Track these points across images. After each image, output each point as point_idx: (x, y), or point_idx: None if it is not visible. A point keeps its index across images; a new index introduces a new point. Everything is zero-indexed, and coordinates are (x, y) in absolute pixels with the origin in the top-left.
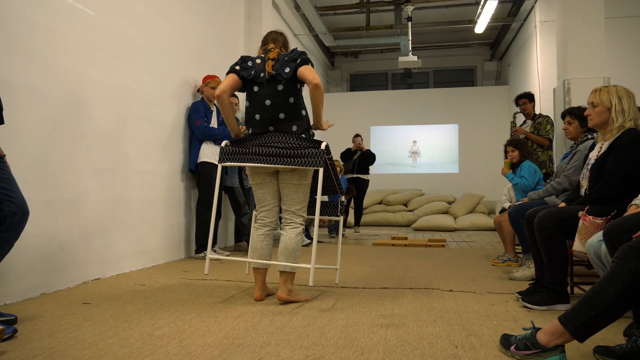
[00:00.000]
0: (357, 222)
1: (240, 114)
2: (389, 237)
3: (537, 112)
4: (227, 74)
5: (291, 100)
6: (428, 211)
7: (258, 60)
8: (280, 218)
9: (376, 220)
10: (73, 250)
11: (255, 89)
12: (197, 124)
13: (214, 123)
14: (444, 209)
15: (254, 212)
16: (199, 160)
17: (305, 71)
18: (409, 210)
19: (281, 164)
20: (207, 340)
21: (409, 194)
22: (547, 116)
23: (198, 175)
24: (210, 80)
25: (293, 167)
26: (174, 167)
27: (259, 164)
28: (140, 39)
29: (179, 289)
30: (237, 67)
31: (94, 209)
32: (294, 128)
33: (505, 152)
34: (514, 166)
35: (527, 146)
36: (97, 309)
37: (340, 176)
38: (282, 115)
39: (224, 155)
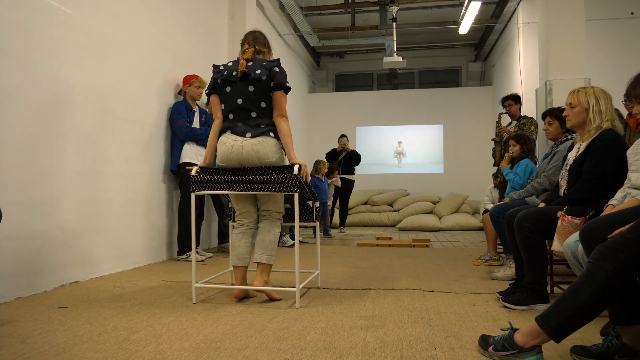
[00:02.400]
0: (343, 223)
1: None
2: (373, 237)
3: (522, 114)
4: (208, 97)
5: (262, 105)
6: (413, 211)
7: (230, 63)
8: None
9: (361, 220)
10: (50, 253)
11: (228, 89)
12: (179, 124)
13: (196, 123)
14: (428, 209)
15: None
16: (180, 161)
17: (278, 98)
18: (394, 211)
19: (255, 191)
20: (184, 344)
21: (394, 194)
22: (531, 118)
23: (180, 176)
24: (195, 80)
25: (268, 193)
26: (155, 168)
27: (234, 192)
28: (120, 38)
29: (159, 291)
30: (212, 81)
31: (72, 211)
32: (262, 126)
33: (508, 145)
34: (514, 161)
35: (530, 142)
36: (73, 313)
37: (323, 177)
38: (254, 114)
39: (196, 184)
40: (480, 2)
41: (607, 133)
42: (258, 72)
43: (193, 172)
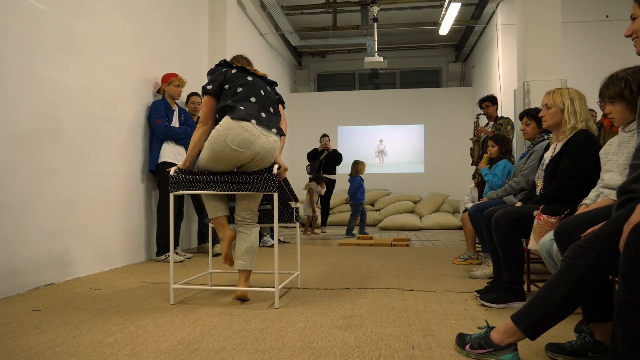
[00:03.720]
0: (324, 222)
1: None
2: (355, 236)
3: (499, 114)
4: (204, 95)
5: (277, 105)
6: (394, 210)
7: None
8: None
9: (343, 220)
10: (24, 254)
11: (249, 78)
12: (158, 123)
13: (175, 122)
14: (409, 209)
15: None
16: (159, 161)
17: (281, 110)
18: (376, 210)
19: (234, 190)
20: (161, 347)
21: (375, 193)
22: (507, 118)
23: (159, 175)
24: (174, 79)
25: (247, 193)
26: (133, 167)
27: (213, 192)
28: (96, 35)
29: (136, 292)
30: (224, 70)
31: (47, 212)
32: (280, 126)
33: (486, 145)
34: (492, 162)
35: (508, 143)
36: (47, 315)
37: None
38: (272, 110)
39: (174, 184)
40: (460, 4)
41: (581, 134)
42: (271, 79)
43: (172, 172)
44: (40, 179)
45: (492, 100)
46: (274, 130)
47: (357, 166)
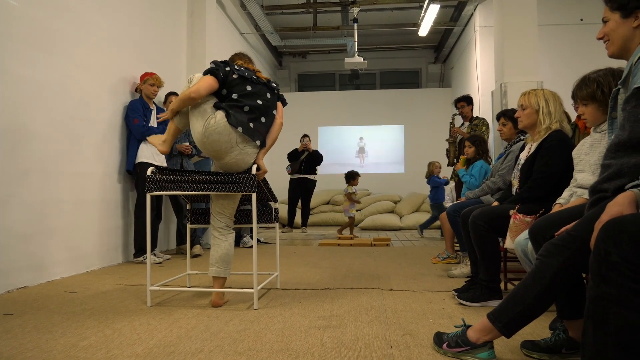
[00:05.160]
0: (304, 223)
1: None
2: (335, 237)
3: (475, 114)
4: (206, 74)
5: (274, 112)
6: (374, 210)
7: (241, 68)
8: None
9: (323, 220)
10: None
11: (249, 88)
12: (135, 122)
13: (152, 122)
14: (390, 209)
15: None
16: (137, 161)
17: (280, 108)
18: (356, 210)
19: (212, 191)
20: (136, 350)
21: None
22: (483, 118)
23: (136, 176)
24: (149, 77)
25: (225, 193)
26: (110, 167)
27: (190, 192)
28: (71, 33)
29: (112, 295)
30: (227, 69)
31: (19, 213)
32: (265, 137)
33: (463, 146)
34: (469, 162)
35: (484, 144)
36: (19, 320)
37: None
38: (263, 119)
39: (151, 185)
40: (439, 5)
41: (555, 134)
42: (274, 84)
43: (148, 172)
44: (12, 180)
45: (467, 100)
46: (258, 142)
47: (430, 167)
